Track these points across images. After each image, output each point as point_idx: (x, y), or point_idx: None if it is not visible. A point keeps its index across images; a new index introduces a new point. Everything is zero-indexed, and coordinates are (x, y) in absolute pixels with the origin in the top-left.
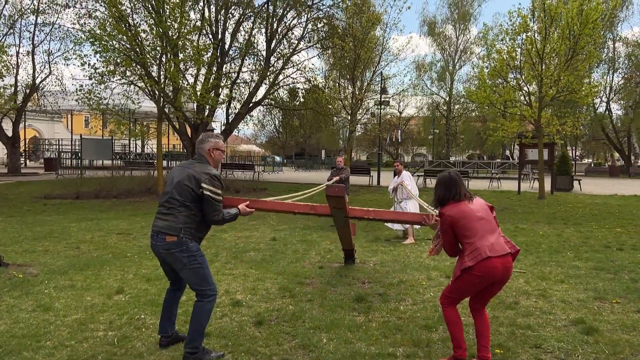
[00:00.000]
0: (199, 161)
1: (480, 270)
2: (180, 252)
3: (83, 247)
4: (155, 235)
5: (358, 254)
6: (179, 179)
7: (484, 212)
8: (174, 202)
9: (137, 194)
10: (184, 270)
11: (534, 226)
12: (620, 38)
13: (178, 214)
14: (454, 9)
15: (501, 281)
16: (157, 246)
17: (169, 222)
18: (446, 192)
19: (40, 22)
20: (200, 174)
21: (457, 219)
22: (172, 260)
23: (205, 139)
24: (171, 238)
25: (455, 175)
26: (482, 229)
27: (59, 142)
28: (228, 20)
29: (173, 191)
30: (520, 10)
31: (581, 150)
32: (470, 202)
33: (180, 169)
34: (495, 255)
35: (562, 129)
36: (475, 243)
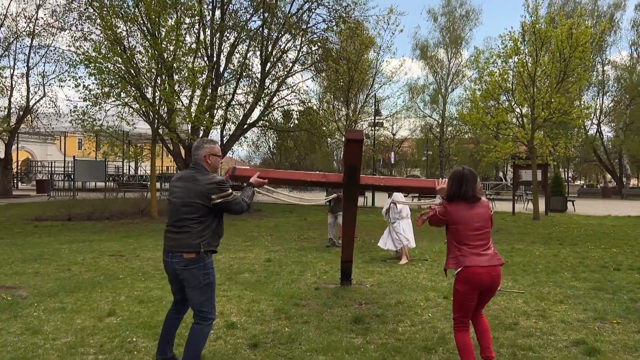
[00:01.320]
0: (197, 170)
1: (466, 278)
2: (198, 269)
3: (74, 268)
4: (170, 254)
5: (354, 274)
6: (188, 199)
7: (482, 222)
8: (186, 220)
9: (130, 216)
10: (196, 288)
11: (529, 247)
12: (609, 62)
13: (193, 230)
14: (445, 33)
15: (490, 288)
16: (173, 263)
17: (184, 239)
18: (458, 187)
19: (36, 44)
20: (207, 187)
21: (455, 222)
22: (187, 277)
23: (200, 146)
24: (189, 255)
25: (468, 172)
26: (475, 238)
27: (51, 164)
28: (223, 43)
29: (182, 209)
30: (511, 34)
31: (573, 172)
32: (477, 203)
33: (184, 186)
34: (480, 264)
35: (554, 150)
36: (464, 249)
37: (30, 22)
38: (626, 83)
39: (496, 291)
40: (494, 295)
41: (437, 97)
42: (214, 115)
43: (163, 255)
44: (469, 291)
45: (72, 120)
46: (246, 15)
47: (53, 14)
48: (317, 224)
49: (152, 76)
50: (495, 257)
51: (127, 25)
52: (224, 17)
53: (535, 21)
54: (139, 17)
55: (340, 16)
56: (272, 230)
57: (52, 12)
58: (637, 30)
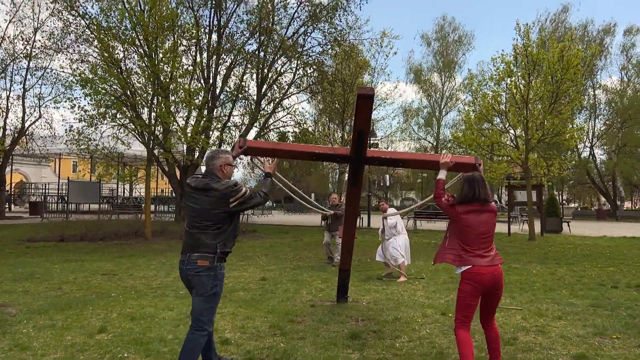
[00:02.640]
0: (212, 179)
1: (470, 278)
2: (208, 277)
3: (65, 287)
4: (186, 260)
5: (351, 292)
6: (205, 209)
7: (488, 227)
8: (204, 227)
9: (124, 237)
10: (202, 296)
11: (526, 266)
12: (600, 85)
13: (210, 234)
14: (439, 57)
15: (494, 287)
16: (187, 269)
17: (202, 240)
18: (470, 190)
19: (33, 66)
20: (224, 192)
21: (462, 225)
22: (197, 283)
23: (215, 155)
24: (203, 262)
25: (479, 176)
26: (479, 242)
27: (45, 186)
28: (220, 65)
29: (200, 217)
30: (503, 56)
31: (568, 194)
32: (486, 208)
33: (200, 196)
34: (483, 265)
35: (549, 171)
36: (468, 250)
37: (28, 45)
38: (617, 106)
39: (501, 292)
40: (500, 296)
41: (432, 120)
42: (209, 136)
43: (179, 262)
44: (472, 291)
45: (68, 141)
46: (242, 39)
47: (51, 37)
48: (313, 244)
49: (148, 97)
50: (497, 257)
51: (124, 47)
52: (220, 40)
53: (527, 44)
54: (136, 39)
55: (335, 39)
56: (267, 250)
57: (49, 35)
58: (626, 55)
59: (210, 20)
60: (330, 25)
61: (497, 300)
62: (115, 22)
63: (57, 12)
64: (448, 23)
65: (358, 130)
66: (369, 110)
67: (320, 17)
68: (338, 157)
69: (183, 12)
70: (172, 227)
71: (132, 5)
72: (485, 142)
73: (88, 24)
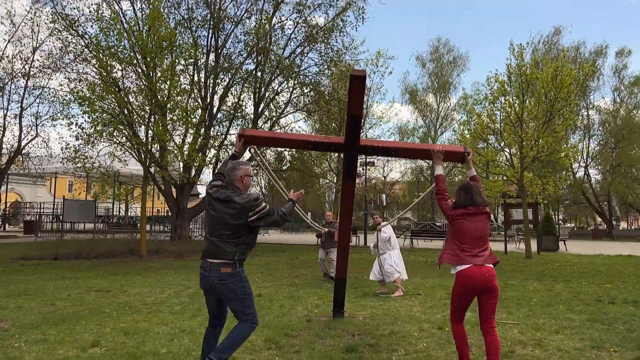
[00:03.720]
0: (233, 191)
1: (462, 279)
2: (234, 282)
3: (59, 303)
4: (208, 267)
5: (347, 308)
6: (226, 220)
7: (482, 231)
8: (224, 236)
9: (119, 255)
10: (235, 300)
11: (523, 282)
12: (593, 106)
13: (230, 244)
14: (434, 78)
15: (486, 289)
16: (211, 277)
17: (222, 249)
18: (466, 196)
19: (31, 85)
20: (245, 206)
21: (458, 226)
22: (225, 291)
23: (236, 167)
24: (226, 269)
25: (473, 184)
26: (474, 245)
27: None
28: (217, 85)
29: (221, 227)
30: (497, 76)
31: (564, 214)
32: (481, 212)
33: (221, 207)
34: (476, 264)
35: (545, 189)
36: (464, 250)
37: (26, 64)
38: (611, 127)
39: (497, 295)
40: (495, 300)
41: (427, 139)
42: (205, 153)
43: (200, 268)
44: (464, 292)
45: (64, 159)
46: (240, 59)
47: (49, 56)
48: (309, 262)
49: (145, 115)
50: (490, 257)
51: (122, 66)
52: (218, 60)
53: (521, 64)
54: (135, 58)
55: (331, 59)
56: (263, 268)
57: (48, 55)
58: (619, 76)
59: (208, 41)
60: (326, 46)
61: (491, 303)
62: (114, 42)
63: (56, 32)
64: (443, 44)
65: (351, 115)
66: (362, 92)
67: (317, 38)
68: (333, 145)
69: (181, 32)
70: (168, 245)
71: (130, 25)
72: (481, 161)
73: (87, 43)
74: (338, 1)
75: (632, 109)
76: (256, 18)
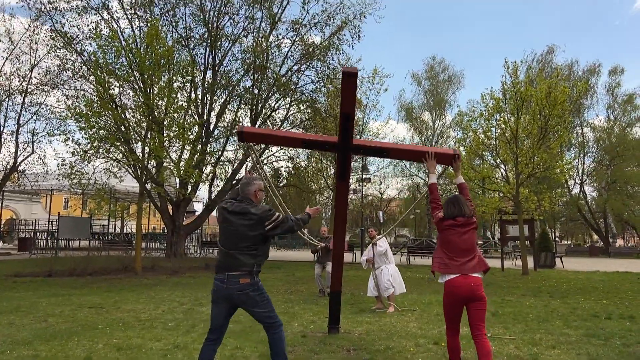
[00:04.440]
0: (248, 203)
1: (449, 290)
2: (254, 291)
3: (51, 320)
4: (226, 279)
5: (342, 324)
6: (245, 232)
7: (470, 242)
8: (243, 248)
9: (114, 272)
10: (256, 307)
11: (520, 299)
12: (587, 124)
13: (248, 256)
14: (429, 96)
15: (472, 298)
16: (230, 289)
17: (241, 261)
18: (454, 208)
19: (28, 102)
20: (261, 216)
21: (447, 237)
22: (245, 299)
23: (250, 182)
24: (245, 280)
25: (461, 196)
26: (462, 255)
27: (35, 222)
28: (214, 102)
29: (239, 239)
30: (492, 93)
31: (560, 231)
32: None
33: (239, 220)
34: (463, 273)
35: (540, 205)
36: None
37: (24, 81)
38: (605, 144)
39: (484, 303)
40: (483, 307)
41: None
42: (202, 169)
43: (216, 280)
44: (452, 301)
45: (60, 175)
46: (237, 76)
47: (47, 74)
48: (305, 279)
49: (142, 131)
50: (479, 264)
51: (120, 82)
52: (215, 77)
53: (516, 82)
54: (132, 75)
55: (327, 77)
56: None
57: (46, 72)
58: (612, 94)
59: (206, 58)
60: (322, 64)
61: (479, 310)
62: (112, 59)
63: (55, 49)
64: (438, 63)
65: (344, 113)
66: (354, 89)
67: (313, 56)
68: (327, 144)
69: (179, 50)
70: (163, 262)
71: (128, 43)
72: (477, 177)
73: (85, 60)
74: (334, 20)
75: (625, 126)
76: (253, 36)
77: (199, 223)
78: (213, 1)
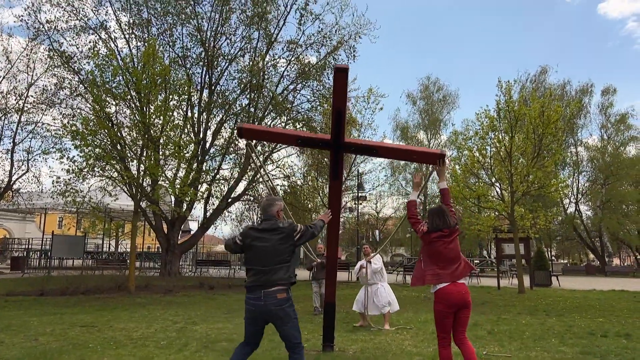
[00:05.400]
0: (275, 221)
1: (441, 297)
2: (289, 307)
3: (42, 338)
4: (262, 297)
5: (337, 342)
6: (278, 246)
7: (455, 251)
8: (279, 262)
9: (107, 291)
10: (289, 324)
11: (516, 317)
12: (581, 143)
13: (284, 270)
14: (424, 115)
15: (462, 305)
16: (268, 304)
17: (278, 275)
18: (440, 220)
19: (24, 120)
20: (289, 229)
21: (434, 248)
22: (282, 315)
23: (272, 203)
24: (282, 295)
25: (444, 207)
26: (449, 263)
27: (28, 241)
28: (210, 120)
29: (273, 254)
30: (487, 112)
31: (556, 250)
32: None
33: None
34: (451, 281)
35: (535, 223)
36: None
37: (20, 100)
38: (599, 163)
39: (470, 310)
40: (469, 314)
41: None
42: (197, 187)
43: (249, 297)
44: (446, 309)
45: (54, 192)
46: (234, 95)
47: (44, 92)
48: (301, 297)
49: (137, 150)
50: (465, 268)
51: (116, 101)
52: (212, 96)
53: (509, 101)
54: (129, 93)
55: (323, 96)
56: None
57: (42, 90)
58: (605, 114)
59: (202, 78)
60: (318, 83)
61: (466, 317)
62: (109, 77)
63: (52, 68)
64: (432, 83)
65: (336, 109)
66: (345, 84)
67: (309, 76)
68: (320, 141)
69: (176, 69)
70: (157, 281)
71: (125, 62)
72: (472, 195)
73: (82, 79)
74: (330, 40)
75: (619, 145)
76: (250, 56)
77: (194, 242)
78: (210, 21)
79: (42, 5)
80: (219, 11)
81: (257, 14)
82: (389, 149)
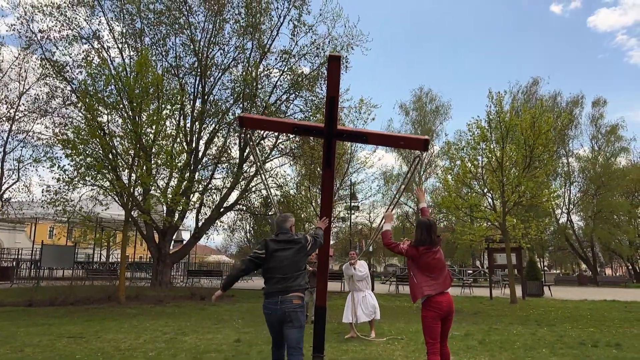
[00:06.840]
0: (290, 234)
1: (431, 305)
2: (302, 312)
3: (28, 350)
4: (279, 302)
5: (327, 352)
6: (296, 257)
7: (441, 263)
8: (297, 271)
9: (97, 302)
10: (297, 327)
11: (507, 327)
12: (572, 154)
13: (301, 277)
14: (417, 126)
15: (449, 312)
16: (284, 308)
17: (297, 283)
18: (427, 235)
19: (15, 129)
20: (303, 241)
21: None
22: (294, 318)
23: (286, 219)
24: (297, 301)
25: (433, 222)
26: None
27: (18, 251)
28: (203, 130)
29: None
30: (478, 122)
31: (549, 260)
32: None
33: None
34: (441, 290)
35: (527, 233)
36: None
37: (12, 108)
38: (590, 174)
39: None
40: (452, 320)
41: (412, 185)
42: (189, 197)
43: (267, 302)
44: (434, 316)
45: (44, 201)
46: (226, 104)
47: (35, 101)
48: None
49: (129, 159)
50: (449, 276)
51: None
52: (204, 106)
53: (500, 112)
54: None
55: (316, 106)
56: (244, 314)
57: (34, 100)
58: (595, 125)
59: (195, 87)
60: (311, 93)
61: (450, 324)
62: (101, 87)
63: (43, 77)
64: (425, 94)
65: (330, 97)
66: (338, 72)
67: (302, 86)
68: (314, 129)
69: (169, 78)
70: (148, 292)
71: (118, 71)
72: (464, 205)
73: (74, 88)
74: (323, 51)
75: (610, 156)
76: (243, 66)
77: (185, 251)
78: (204, 32)
79: (34, 15)
80: (213, 22)
81: (250, 24)
82: (377, 136)
